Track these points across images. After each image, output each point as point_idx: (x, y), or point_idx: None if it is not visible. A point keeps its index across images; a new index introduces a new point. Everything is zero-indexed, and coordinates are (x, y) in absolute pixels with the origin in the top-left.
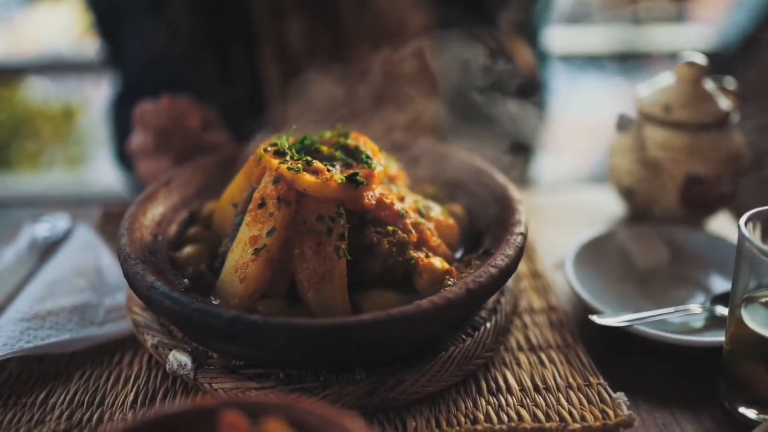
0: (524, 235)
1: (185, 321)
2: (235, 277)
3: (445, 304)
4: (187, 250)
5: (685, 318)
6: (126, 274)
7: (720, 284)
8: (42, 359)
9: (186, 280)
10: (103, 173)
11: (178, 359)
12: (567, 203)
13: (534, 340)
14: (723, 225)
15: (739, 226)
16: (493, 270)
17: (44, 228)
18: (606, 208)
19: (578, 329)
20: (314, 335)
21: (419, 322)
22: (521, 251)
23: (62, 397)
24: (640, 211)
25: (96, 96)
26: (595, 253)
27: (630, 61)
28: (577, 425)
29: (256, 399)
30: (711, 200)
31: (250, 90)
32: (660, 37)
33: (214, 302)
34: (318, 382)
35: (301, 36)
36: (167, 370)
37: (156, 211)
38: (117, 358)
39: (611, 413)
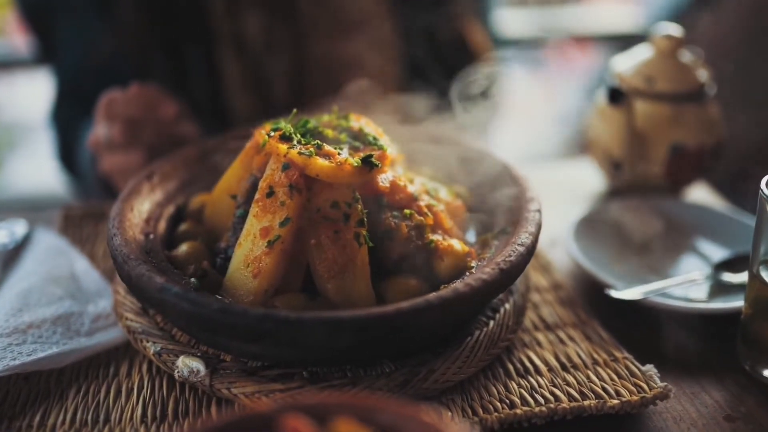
0: (540, 212)
1: (206, 323)
2: (247, 273)
3: (482, 286)
4: (185, 247)
5: (688, 286)
6: (127, 277)
7: (713, 251)
8: (27, 377)
9: (193, 280)
10: (26, 178)
11: (189, 365)
12: (544, 179)
13: (549, 319)
14: (701, 195)
15: (760, 189)
16: (520, 248)
17: (2, 234)
18: (585, 183)
19: (587, 304)
20: (356, 328)
21: (457, 306)
22: (540, 228)
23: (61, 417)
24: (626, 183)
25: (6, 98)
26: (590, 229)
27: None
28: (615, 401)
29: (315, 400)
30: (693, 170)
31: (208, 89)
32: (566, 19)
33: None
34: (346, 378)
35: (260, 32)
36: (177, 377)
37: (142, 207)
38: (112, 369)
39: (645, 386)
